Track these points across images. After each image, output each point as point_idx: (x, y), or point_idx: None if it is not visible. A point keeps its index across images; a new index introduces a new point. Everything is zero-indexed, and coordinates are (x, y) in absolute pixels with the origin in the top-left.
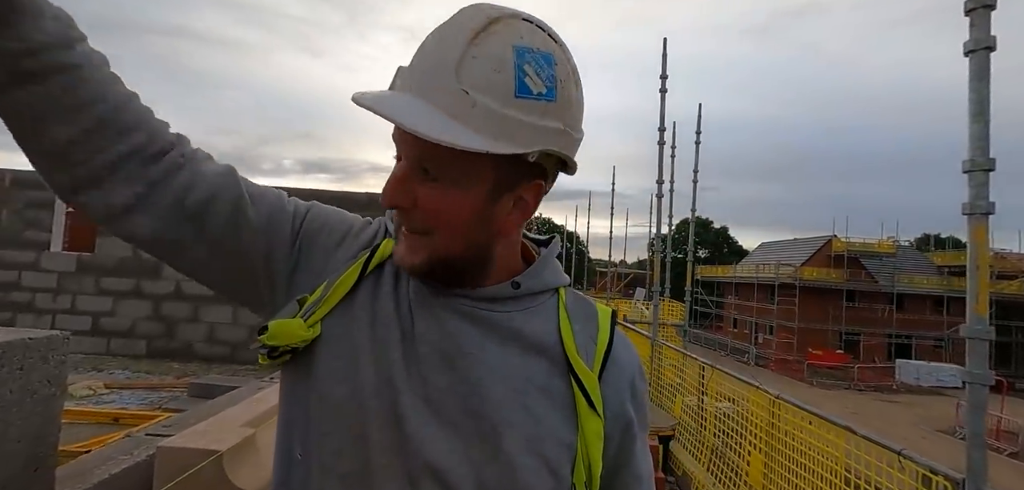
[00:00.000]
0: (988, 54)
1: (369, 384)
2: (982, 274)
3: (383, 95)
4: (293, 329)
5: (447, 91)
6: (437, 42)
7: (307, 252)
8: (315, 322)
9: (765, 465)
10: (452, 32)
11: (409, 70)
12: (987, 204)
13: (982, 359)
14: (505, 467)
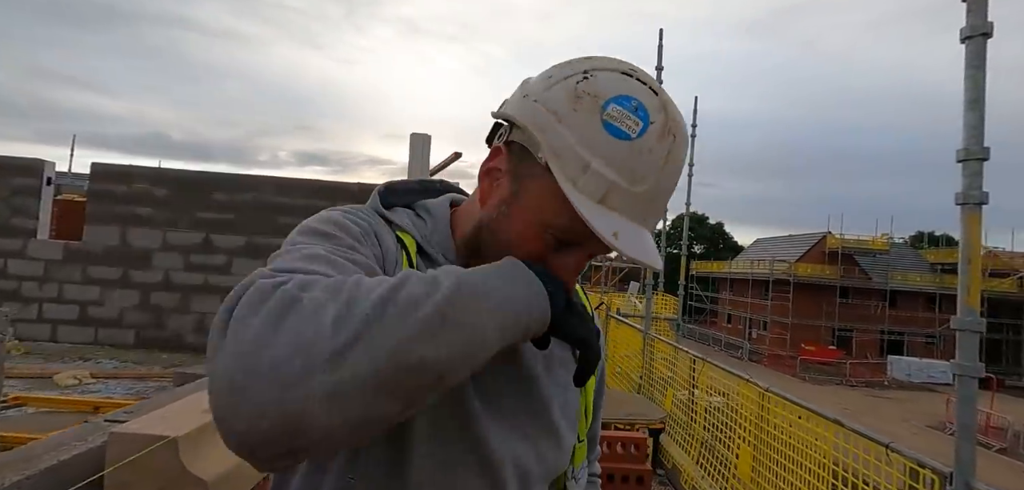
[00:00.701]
0: (985, 41)
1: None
2: (974, 266)
3: (643, 244)
4: None
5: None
6: (673, 174)
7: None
8: None
9: (754, 458)
10: (677, 170)
11: (641, 199)
12: (981, 194)
13: (972, 352)
14: (553, 437)
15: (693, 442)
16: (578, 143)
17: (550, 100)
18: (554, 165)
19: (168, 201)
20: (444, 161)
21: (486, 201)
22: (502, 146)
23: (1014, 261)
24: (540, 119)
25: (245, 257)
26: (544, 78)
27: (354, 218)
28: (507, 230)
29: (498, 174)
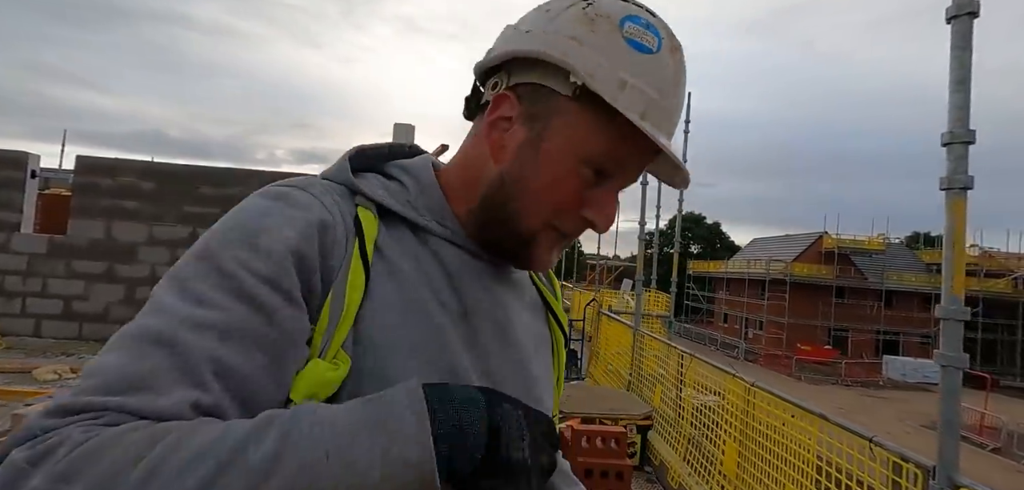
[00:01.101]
0: (971, 20)
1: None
2: (958, 253)
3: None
4: (319, 377)
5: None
6: (684, 92)
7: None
8: (336, 352)
9: (739, 454)
10: (685, 84)
11: (669, 114)
12: (966, 178)
13: (957, 342)
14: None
15: (680, 439)
16: (608, 61)
17: (563, 27)
18: (593, 84)
19: (154, 195)
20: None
21: (501, 154)
22: (507, 93)
23: (1009, 262)
24: (560, 46)
25: None
26: (541, 13)
27: (281, 228)
28: (536, 175)
29: (507, 123)
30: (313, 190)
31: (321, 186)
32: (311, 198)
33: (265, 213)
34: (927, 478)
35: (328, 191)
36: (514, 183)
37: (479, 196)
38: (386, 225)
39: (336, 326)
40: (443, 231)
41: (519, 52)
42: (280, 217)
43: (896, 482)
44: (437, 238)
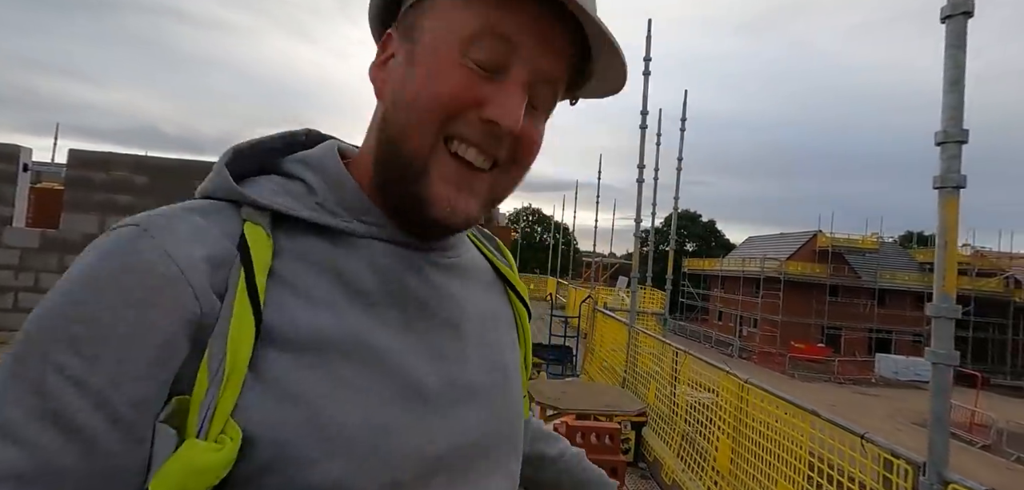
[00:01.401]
0: (966, 19)
1: (405, 420)
2: (950, 251)
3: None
4: (192, 464)
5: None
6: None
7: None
8: (223, 426)
9: (733, 450)
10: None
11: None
12: (959, 177)
13: (948, 339)
14: (514, 404)
15: (674, 435)
16: None
17: None
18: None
19: (149, 189)
20: None
21: (383, 91)
22: (390, 31)
23: (1001, 261)
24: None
25: None
26: None
27: (115, 311)
28: (416, 87)
29: (392, 59)
30: (164, 236)
31: (184, 217)
32: (151, 253)
33: (95, 290)
34: (917, 474)
35: (191, 218)
36: (398, 104)
37: (375, 159)
38: (289, 238)
39: (217, 392)
40: (364, 228)
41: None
42: (114, 296)
43: (887, 478)
44: (358, 238)
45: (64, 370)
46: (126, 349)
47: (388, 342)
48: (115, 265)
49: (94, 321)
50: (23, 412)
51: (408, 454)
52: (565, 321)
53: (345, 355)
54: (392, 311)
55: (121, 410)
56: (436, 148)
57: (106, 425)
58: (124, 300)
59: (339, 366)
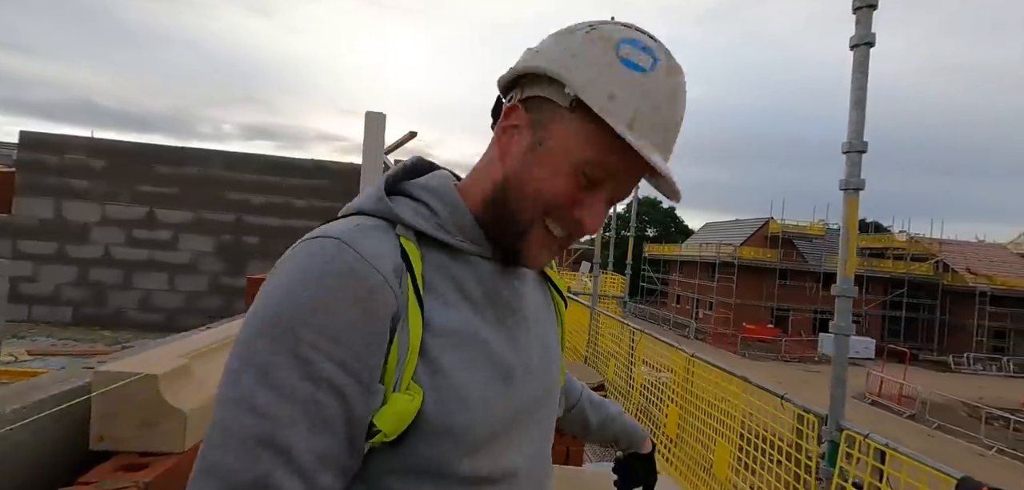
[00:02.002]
0: (868, 49)
1: (500, 392)
2: (851, 242)
3: (669, 169)
4: (400, 409)
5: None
6: (681, 112)
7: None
8: (408, 385)
9: (680, 417)
10: (684, 106)
11: (660, 127)
12: (859, 181)
13: (847, 315)
14: (554, 374)
15: (631, 407)
16: (600, 76)
17: (565, 48)
18: (584, 95)
19: (106, 173)
20: (400, 140)
21: (507, 156)
22: (517, 103)
23: (932, 246)
24: (561, 62)
25: (193, 232)
26: (550, 39)
27: (344, 306)
28: (534, 176)
29: (516, 129)
30: (361, 248)
31: (364, 233)
32: (360, 261)
33: (327, 289)
34: (821, 424)
35: (370, 234)
36: (514, 182)
37: (487, 197)
38: (425, 250)
39: (404, 362)
40: (474, 249)
41: (528, 69)
42: (343, 293)
43: (800, 429)
44: (469, 255)
45: (317, 347)
46: (359, 332)
47: (488, 335)
48: (336, 270)
49: (331, 312)
50: (297, 377)
51: (501, 414)
52: None
53: (466, 344)
54: (490, 311)
55: (362, 374)
56: (536, 223)
57: (353, 382)
58: (351, 297)
59: (464, 351)
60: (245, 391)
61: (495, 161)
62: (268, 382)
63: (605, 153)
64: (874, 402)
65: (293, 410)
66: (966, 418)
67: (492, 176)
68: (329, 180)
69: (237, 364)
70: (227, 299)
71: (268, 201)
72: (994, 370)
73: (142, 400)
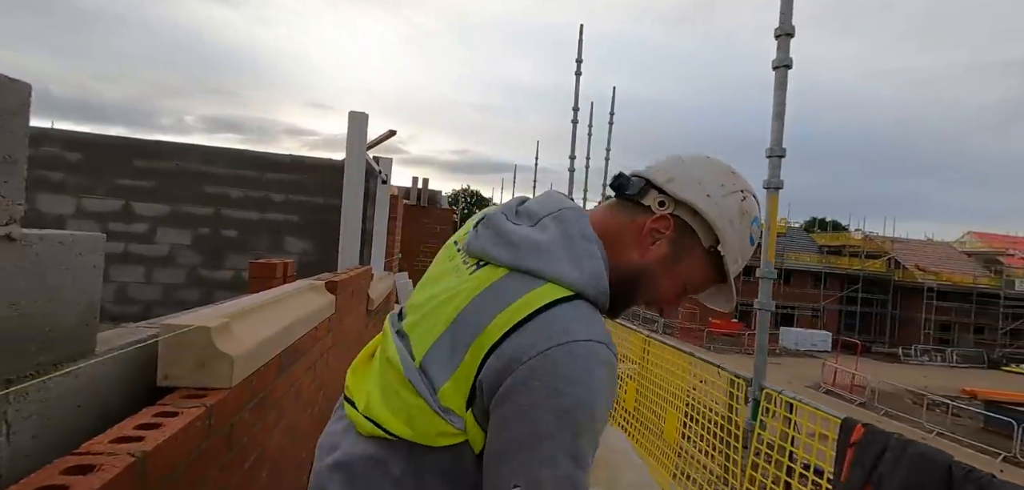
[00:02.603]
0: (787, 71)
1: None
2: (772, 232)
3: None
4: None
5: None
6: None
7: None
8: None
9: (637, 392)
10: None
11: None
12: (778, 181)
13: (767, 293)
14: None
15: None
16: (738, 246)
17: (728, 210)
18: (727, 258)
19: (82, 166)
20: (379, 137)
21: (645, 254)
22: (669, 217)
23: (885, 244)
24: (722, 221)
25: (170, 226)
26: (717, 182)
27: (610, 399)
28: (660, 281)
29: (660, 235)
30: (613, 348)
31: (608, 335)
32: (614, 360)
33: (611, 391)
34: (748, 386)
35: (608, 332)
36: (647, 278)
37: (619, 270)
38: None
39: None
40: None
41: (699, 210)
42: (613, 390)
43: (732, 392)
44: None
45: (600, 431)
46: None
47: None
48: (613, 373)
49: (609, 403)
50: (592, 453)
51: None
52: None
53: None
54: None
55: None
56: (637, 306)
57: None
58: (614, 389)
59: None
60: (567, 471)
61: (634, 247)
62: (581, 462)
63: (709, 285)
64: (828, 391)
65: (587, 478)
66: (911, 405)
67: (631, 258)
68: (307, 175)
69: (554, 452)
70: (205, 291)
71: (247, 195)
72: (939, 361)
73: (198, 346)
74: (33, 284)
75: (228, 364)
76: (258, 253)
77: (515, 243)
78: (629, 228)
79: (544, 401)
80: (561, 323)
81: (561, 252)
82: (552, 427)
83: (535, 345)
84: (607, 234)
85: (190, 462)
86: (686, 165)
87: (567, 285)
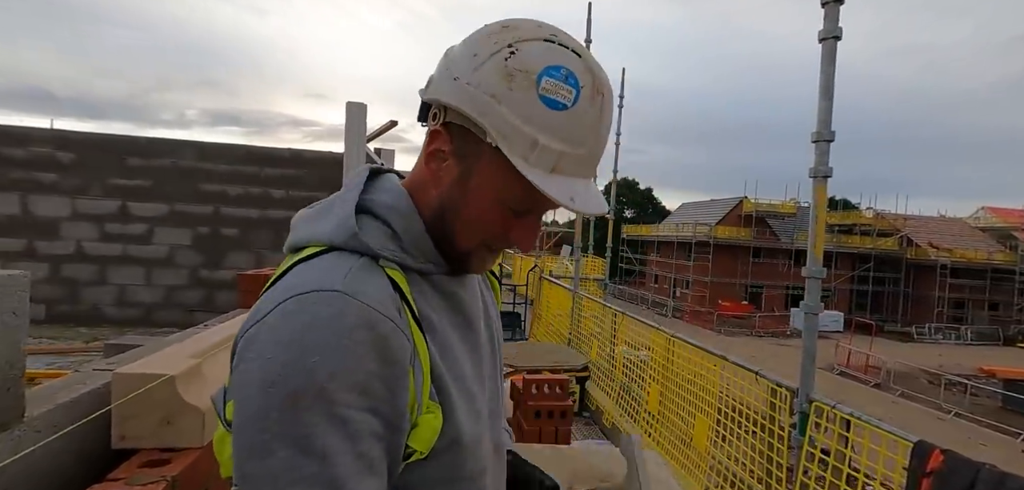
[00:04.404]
0: (836, 43)
1: (478, 402)
2: (820, 227)
3: (594, 198)
4: (430, 426)
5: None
6: (606, 130)
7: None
8: (427, 405)
9: (661, 394)
10: (609, 125)
11: (585, 159)
12: (827, 169)
13: (816, 295)
14: (500, 376)
15: (614, 387)
16: (522, 122)
17: (484, 83)
18: (504, 146)
19: (75, 166)
20: (379, 129)
21: (438, 184)
22: (440, 128)
23: (897, 222)
24: (479, 103)
25: (168, 225)
26: (469, 56)
27: (362, 360)
28: (466, 212)
29: (443, 155)
30: (365, 297)
31: (359, 278)
32: (369, 311)
33: (346, 347)
34: (793, 397)
35: (364, 278)
36: (450, 211)
37: (428, 218)
38: (403, 273)
39: (421, 389)
40: (437, 269)
41: (444, 101)
42: (361, 347)
43: (773, 402)
44: (433, 275)
45: (350, 404)
46: (382, 378)
47: (455, 344)
48: (349, 325)
49: (355, 367)
50: (340, 438)
51: (480, 413)
52: (513, 289)
53: (449, 357)
54: (457, 318)
55: (392, 415)
56: (478, 247)
57: (386, 424)
58: (368, 348)
59: (450, 365)
60: (288, 464)
61: (431, 184)
62: (312, 450)
63: (530, 191)
64: (842, 373)
65: (343, 469)
66: (927, 385)
67: (430, 197)
68: (306, 170)
69: (264, 437)
70: (207, 292)
71: (246, 192)
72: (953, 339)
73: (161, 400)
74: None
75: (199, 418)
76: (259, 251)
77: (293, 226)
78: (421, 168)
79: (253, 375)
80: (288, 281)
81: (319, 215)
82: (260, 405)
83: (256, 312)
84: (414, 179)
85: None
86: (449, 54)
87: (318, 242)
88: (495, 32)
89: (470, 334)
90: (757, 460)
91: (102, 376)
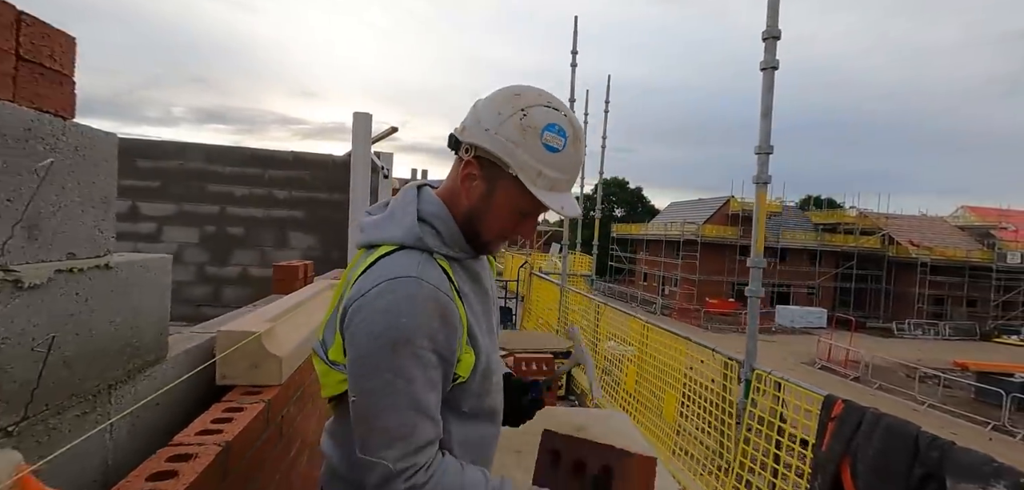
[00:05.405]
0: (774, 72)
1: (492, 344)
2: (761, 225)
3: (575, 206)
4: (468, 361)
5: None
6: (582, 160)
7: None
8: (465, 349)
9: (637, 375)
10: (583, 155)
11: (569, 181)
12: (766, 176)
13: (758, 281)
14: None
15: (596, 371)
16: (532, 160)
17: (506, 134)
18: (521, 175)
19: None
20: (381, 134)
21: (470, 197)
22: (473, 160)
23: (879, 221)
24: (504, 148)
25: (177, 225)
26: (494, 113)
27: (432, 321)
28: (490, 218)
29: (474, 178)
30: (430, 279)
31: (425, 268)
32: (434, 290)
33: (423, 312)
34: (740, 368)
35: (428, 268)
36: (477, 217)
37: (460, 220)
38: (446, 261)
39: (462, 339)
40: (464, 255)
41: (480, 147)
42: (431, 312)
43: (726, 373)
44: (464, 259)
45: (424, 347)
46: (443, 331)
47: (481, 314)
48: (423, 298)
49: (427, 325)
50: (419, 367)
51: (495, 365)
52: (504, 285)
53: (476, 320)
54: (482, 296)
55: (448, 354)
56: (496, 238)
57: (445, 360)
58: (435, 312)
59: (477, 323)
60: (389, 383)
61: (463, 195)
62: (401, 374)
63: (534, 204)
64: (823, 367)
65: (419, 386)
66: (904, 378)
67: (462, 206)
68: (308, 171)
69: (373, 367)
70: (214, 287)
71: (250, 192)
72: (932, 334)
73: (250, 350)
74: (123, 303)
75: (277, 364)
76: (264, 249)
77: (363, 228)
78: (457, 179)
79: (363, 329)
80: (380, 269)
81: (386, 222)
82: (370, 348)
83: (360, 289)
84: (447, 191)
85: (255, 450)
86: (476, 108)
87: (391, 242)
88: (511, 98)
89: (486, 300)
90: (714, 424)
91: (200, 336)
